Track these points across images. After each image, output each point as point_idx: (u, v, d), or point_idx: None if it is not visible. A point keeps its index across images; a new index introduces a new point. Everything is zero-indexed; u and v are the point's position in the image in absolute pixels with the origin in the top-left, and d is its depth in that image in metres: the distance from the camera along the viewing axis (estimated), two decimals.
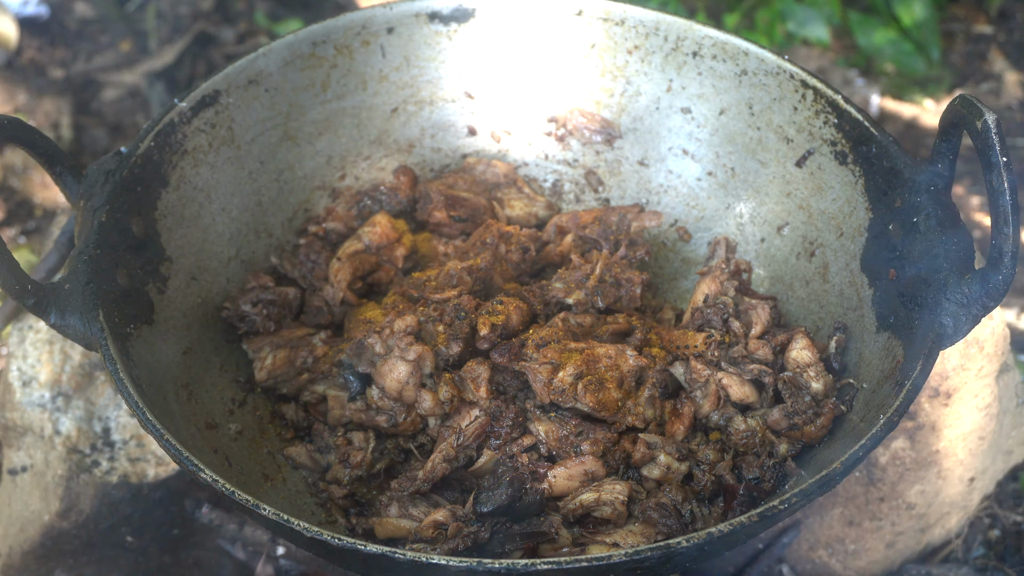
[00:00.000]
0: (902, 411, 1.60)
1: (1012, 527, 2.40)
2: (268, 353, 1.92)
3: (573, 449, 1.78)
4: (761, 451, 1.79)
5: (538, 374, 1.77)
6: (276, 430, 1.92)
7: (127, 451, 2.11)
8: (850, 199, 1.92)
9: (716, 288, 1.95)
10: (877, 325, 1.81)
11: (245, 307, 1.95)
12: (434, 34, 2.14)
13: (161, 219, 1.90)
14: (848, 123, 1.92)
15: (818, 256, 1.97)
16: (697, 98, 2.10)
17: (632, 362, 1.81)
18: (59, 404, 2.11)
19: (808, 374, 1.81)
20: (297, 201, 2.12)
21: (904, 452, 2.14)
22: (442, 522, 1.69)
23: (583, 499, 1.72)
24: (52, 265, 2.26)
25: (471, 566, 1.47)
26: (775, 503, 1.52)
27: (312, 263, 2.04)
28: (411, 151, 2.20)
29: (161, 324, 1.84)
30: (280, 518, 1.50)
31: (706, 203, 2.12)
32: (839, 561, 2.24)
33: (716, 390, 1.82)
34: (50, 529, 2.13)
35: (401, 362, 1.80)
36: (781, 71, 2.00)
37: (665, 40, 2.10)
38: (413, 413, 1.83)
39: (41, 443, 2.12)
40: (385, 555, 1.48)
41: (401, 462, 1.87)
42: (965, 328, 1.65)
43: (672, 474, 1.77)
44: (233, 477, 1.75)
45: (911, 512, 2.19)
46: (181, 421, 1.75)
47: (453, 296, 1.88)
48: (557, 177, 2.21)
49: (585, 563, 1.46)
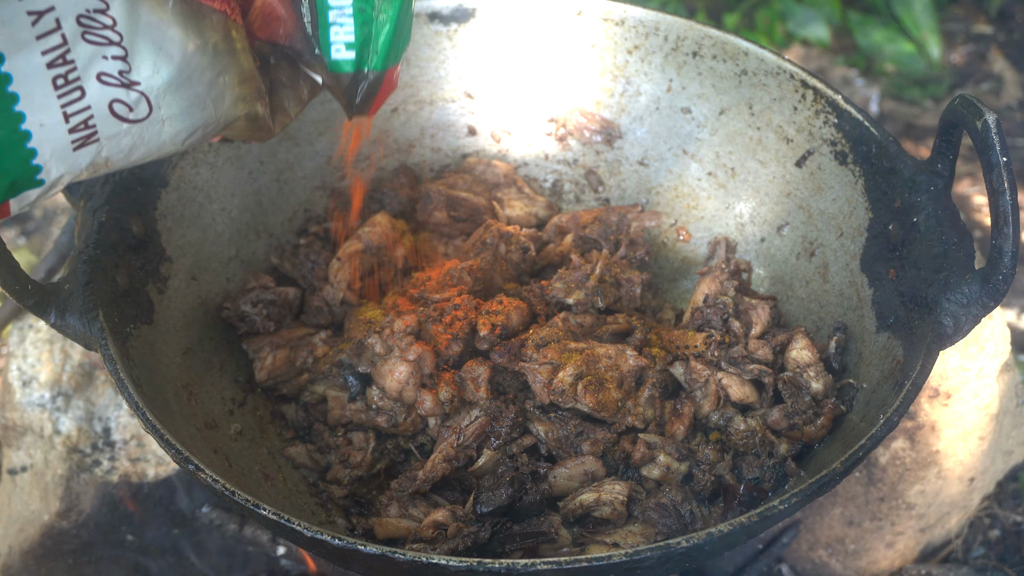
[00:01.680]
0: (902, 411, 1.60)
1: (1012, 527, 2.40)
2: (268, 353, 1.92)
3: (573, 449, 1.78)
4: (761, 451, 1.79)
5: (538, 374, 1.77)
6: (276, 430, 1.92)
7: (127, 451, 2.11)
8: (850, 199, 1.92)
9: (716, 288, 1.95)
10: (877, 325, 1.81)
11: (245, 307, 1.95)
12: (434, 34, 2.14)
13: (161, 219, 1.90)
14: (848, 123, 1.92)
15: (818, 256, 1.97)
16: (697, 98, 2.10)
17: (632, 362, 1.81)
18: (59, 404, 2.11)
19: (808, 374, 1.81)
20: (297, 201, 2.12)
21: (904, 452, 2.14)
22: (442, 522, 1.69)
23: (583, 499, 1.72)
24: (52, 265, 2.26)
25: (471, 566, 1.47)
26: (775, 503, 1.52)
27: (312, 263, 2.04)
28: (411, 151, 2.20)
29: (161, 324, 1.84)
30: (280, 518, 1.50)
31: (706, 203, 2.12)
32: (839, 561, 2.24)
33: (716, 390, 1.82)
34: (50, 529, 2.13)
35: (401, 362, 1.80)
36: (781, 71, 2.01)
37: (665, 40, 2.10)
38: (413, 413, 1.83)
39: (41, 443, 2.12)
40: (385, 555, 1.48)
41: (401, 462, 1.87)
42: (965, 328, 1.65)
43: (672, 474, 1.77)
44: (233, 477, 1.75)
45: (911, 512, 2.19)
46: (181, 421, 1.75)
47: (453, 296, 1.88)
48: (557, 177, 2.21)
49: (585, 563, 1.46)
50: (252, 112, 1.59)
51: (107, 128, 1.45)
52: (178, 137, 1.53)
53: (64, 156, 1.43)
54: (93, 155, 1.46)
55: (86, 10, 1.40)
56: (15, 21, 1.35)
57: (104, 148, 1.46)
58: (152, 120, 1.48)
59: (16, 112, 1.37)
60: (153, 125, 1.49)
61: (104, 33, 1.41)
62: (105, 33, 1.41)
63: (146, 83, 1.46)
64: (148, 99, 1.47)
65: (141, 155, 1.51)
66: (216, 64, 1.51)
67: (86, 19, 1.40)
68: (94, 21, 1.40)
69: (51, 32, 1.38)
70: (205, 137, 1.58)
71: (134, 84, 1.45)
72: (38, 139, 1.40)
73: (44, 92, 1.39)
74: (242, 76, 1.55)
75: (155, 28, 1.45)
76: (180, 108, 1.51)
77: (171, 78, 1.48)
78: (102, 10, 1.41)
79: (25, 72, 1.37)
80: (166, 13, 1.45)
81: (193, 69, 1.49)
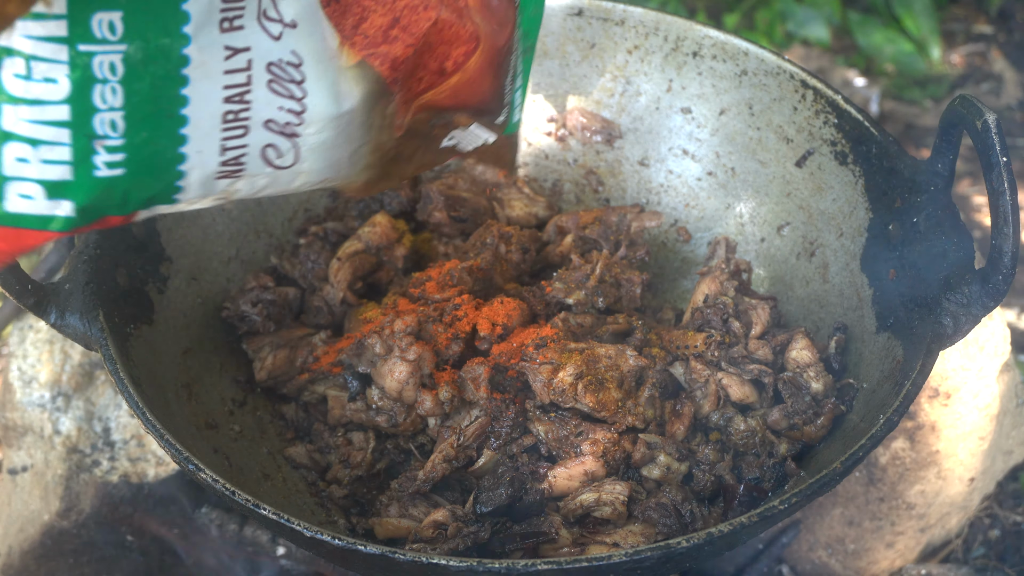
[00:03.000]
0: (902, 411, 1.60)
1: (1012, 527, 2.40)
2: (268, 353, 1.92)
3: (573, 449, 1.78)
4: (761, 451, 1.79)
5: (538, 374, 1.77)
6: (276, 430, 1.92)
7: (127, 451, 2.11)
8: (850, 199, 1.92)
9: (716, 288, 1.95)
10: (877, 325, 1.81)
11: (245, 307, 1.95)
12: None
13: (161, 219, 1.90)
14: (848, 123, 1.92)
15: (818, 256, 1.97)
16: (697, 98, 2.10)
17: (632, 362, 1.81)
18: (59, 404, 2.11)
19: (808, 374, 1.81)
20: (297, 201, 2.12)
21: (904, 452, 2.14)
22: (442, 522, 1.69)
23: (583, 499, 1.72)
24: (52, 265, 2.26)
25: (471, 566, 1.47)
26: (775, 503, 1.52)
27: (312, 263, 2.04)
28: None
29: (161, 324, 1.84)
30: (280, 518, 1.50)
31: (706, 203, 2.12)
32: (839, 561, 2.24)
33: (716, 390, 1.82)
34: (50, 529, 2.13)
35: (401, 362, 1.80)
36: (781, 71, 2.01)
37: (665, 40, 2.10)
38: (413, 413, 1.83)
39: (41, 443, 2.12)
40: (385, 555, 1.48)
41: (401, 462, 1.87)
42: (965, 328, 1.65)
43: (672, 474, 1.77)
44: (233, 477, 1.75)
45: (911, 512, 2.19)
46: (181, 421, 1.75)
47: (453, 296, 1.88)
48: (557, 177, 2.21)
49: (585, 563, 1.46)
50: (372, 177, 1.62)
51: (253, 167, 1.47)
52: (304, 185, 1.56)
53: (205, 183, 1.45)
54: (227, 184, 1.48)
55: (279, 60, 1.42)
56: (211, 50, 1.36)
57: (241, 182, 1.49)
58: (293, 170, 1.51)
59: (180, 134, 1.39)
60: (290, 173, 1.52)
61: (289, 86, 1.44)
62: (289, 86, 1.44)
63: (304, 139, 1.48)
64: (299, 152, 1.49)
65: (267, 192, 1.54)
66: (365, 136, 1.54)
67: (277, 68, 1.42)
68: (284, 72, 1.42)
69: (240, 71, 1.40)
70: (322, 186, 1.61)
71: (294, 136, 1.48)
72: (190, 164, 1.42)
73: (212, 123, 1.40)
74: (379, 149, 1.58)
75: (338, 98, 1.47)
76: (320, 165, 1.53)
77: (325, 141, 1.50)
78: (295, 64, 1.43)
79: (202, 99, 1.38)
80: (356, 89, 1.48)
81: (347, 138, 1.52)
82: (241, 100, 1.41)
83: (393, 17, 1.49)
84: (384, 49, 1.50)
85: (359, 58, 1.48)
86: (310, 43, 1.44)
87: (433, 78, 1.58)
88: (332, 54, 1.46)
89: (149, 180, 1.40)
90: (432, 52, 1.55)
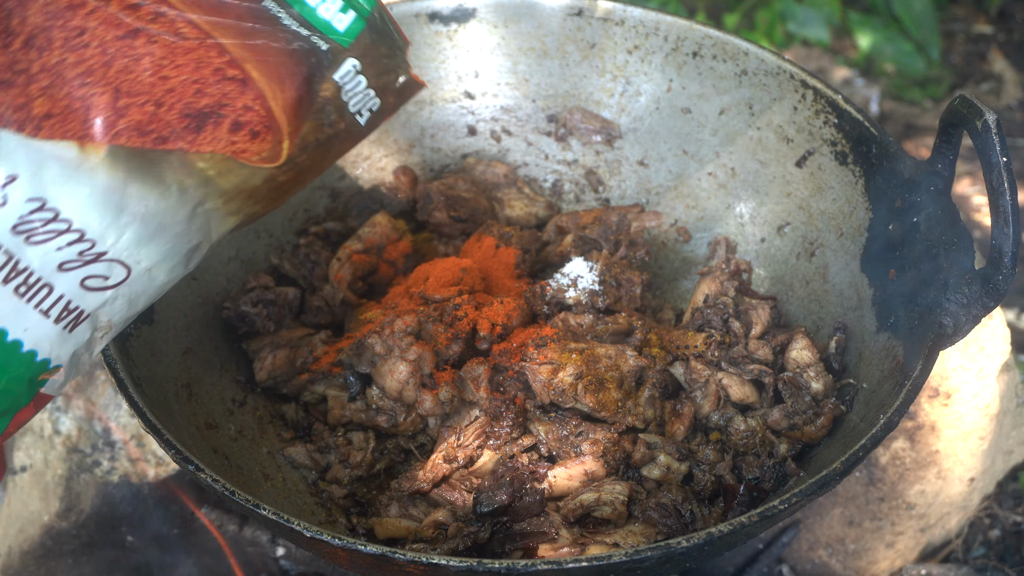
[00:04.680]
0: (902, 411, 1.60)
1: (1012, 527, 2.40)
2: (268, 353, 1.92)
3: (573, 449, 1.78)
4: (761, 451, 1.79)
5: (538, 374, 1.77)
6: (276, 430, 1.92)
7: (127, 451, 2.11)
8: (850, 199, 1.92)
9: (716, 288, 1.95)
10: (877, 325, 1.81)
11: (245, 307, 1.95)
12: (434, 34, 2.14)
13: None
14: (848, 123, 1.92)
15: (818, 256, 1.97)
16: (697, 98, 2.10)
17: (632, 362, 1.81)
18: (59, 404, 2.11)
19: (808, 374, 1.81)
20: (297, 201, 2.12)
21: (904, 452, 2.14)
22: (442, 522, 1.69)
23: (583, 499, 1.72)
24: None
25: (471, 566, 1.47)
26: (775, 503, 1.52)
27: (312, 263, 2.04)
28: (411, 151, 2.20)
29: (161, 324, 1.84)
30: (280, 518, 1.50)
31: (706, 203, 2.12)
32: (839, 561, 2.24)
33: (716, 390, 1.82)
34: (50, 529, 2.13)
35: (401, 362, 1.80)
36: (781, 71, 2.01)
37: (665, 40, 2.10)
38: (413, 413, 1.83)
39: (41, 443, 2.12)
40: (385, 555, 1.48)
41: (401, 462, 1.87)
42: (965, 328, 1.65)
43: (672, 474, 1.77)
44: (233, 477, 1.75)
45: (911, 512, 2.19)
46: (181, 421, 1.75)
47: (453, 296, 1.88)
48: (557, 177, 2.21)
49: (585, 563, 1.46)
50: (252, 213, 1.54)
51: (90, 303, 1.44)
52: (174, 272, 1.50)
53: (64, 340, 1.44)
54: (92, 326, 1.46)
55: (19, 218, 1.37)
56: None
57: (99, 317, 1.46)
58: (136, 276, 1.46)
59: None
60: (140, 278, 1.47)
61: (48, 228, 1.38)
62: (50, 227, 1.38)
63: (113, 250, 1.42)
64: (122, 262, 1.44)
65: (145, 301, 1.50)
66: (186, 201, 1.45)
67: (23, 225, 1.37)
68: (32, 222, 1.37)
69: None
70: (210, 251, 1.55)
71: (101, 256, 1.42)
72: (31, 341, 1.41)
73: (12, 305, 1.38)
74: (227, 195, 1.49)
75: (108, 194, 1.40)
76: (161, 254, 1.47)
77: (138, 235, 1.43)
78: (37, 208, 1.38)
79: None
80: (115, 177, 1.40)
81: (161, 216, 1.44)
82: (17, 271, 1.38)
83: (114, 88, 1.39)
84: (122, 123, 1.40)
85: (104, 147, 1.39)
86: (43, 177, 1.37)
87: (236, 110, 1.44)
88: (76, 163, 1.38)
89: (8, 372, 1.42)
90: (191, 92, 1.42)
